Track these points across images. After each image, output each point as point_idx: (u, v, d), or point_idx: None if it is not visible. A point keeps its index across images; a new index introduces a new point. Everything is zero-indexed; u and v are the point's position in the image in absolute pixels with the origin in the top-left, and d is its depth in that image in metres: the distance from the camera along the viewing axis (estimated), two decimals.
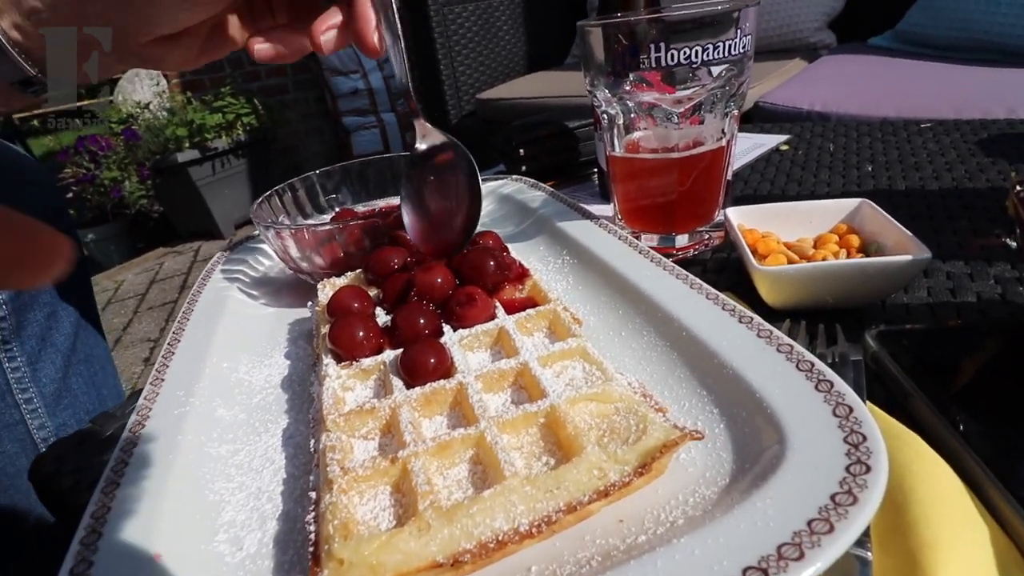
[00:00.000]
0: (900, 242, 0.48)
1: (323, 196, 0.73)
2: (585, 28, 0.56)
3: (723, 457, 0.33)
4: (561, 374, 0.38)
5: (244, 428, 0.42)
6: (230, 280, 0.63)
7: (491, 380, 0.37)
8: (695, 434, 0.31)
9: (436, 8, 1.96)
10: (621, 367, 0.41)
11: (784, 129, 1.04)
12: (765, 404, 0.34)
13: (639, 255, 0.53)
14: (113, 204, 3.07)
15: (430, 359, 0.37)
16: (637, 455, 0.30)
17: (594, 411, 0.34)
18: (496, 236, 0.52)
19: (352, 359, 0.40)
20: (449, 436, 0.32)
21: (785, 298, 0.48)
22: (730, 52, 0.51)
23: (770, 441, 0.32)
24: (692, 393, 0.38)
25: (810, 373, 0.35)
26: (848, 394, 0.33)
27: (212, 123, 3.07)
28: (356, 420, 0.35)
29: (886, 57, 1.57)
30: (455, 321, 0.42)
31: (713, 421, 0.36)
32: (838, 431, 0.31)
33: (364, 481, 0.30)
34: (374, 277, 0.50)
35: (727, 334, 0.40)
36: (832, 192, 0.75)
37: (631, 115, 0.58)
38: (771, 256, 0.51)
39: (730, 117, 0.57)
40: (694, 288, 0.46)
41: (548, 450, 0.32)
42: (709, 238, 0.62)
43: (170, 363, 0.48)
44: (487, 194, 0.78)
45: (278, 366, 0.50)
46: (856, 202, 0.55)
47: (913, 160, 0.81)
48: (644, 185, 0.60)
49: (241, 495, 0.36)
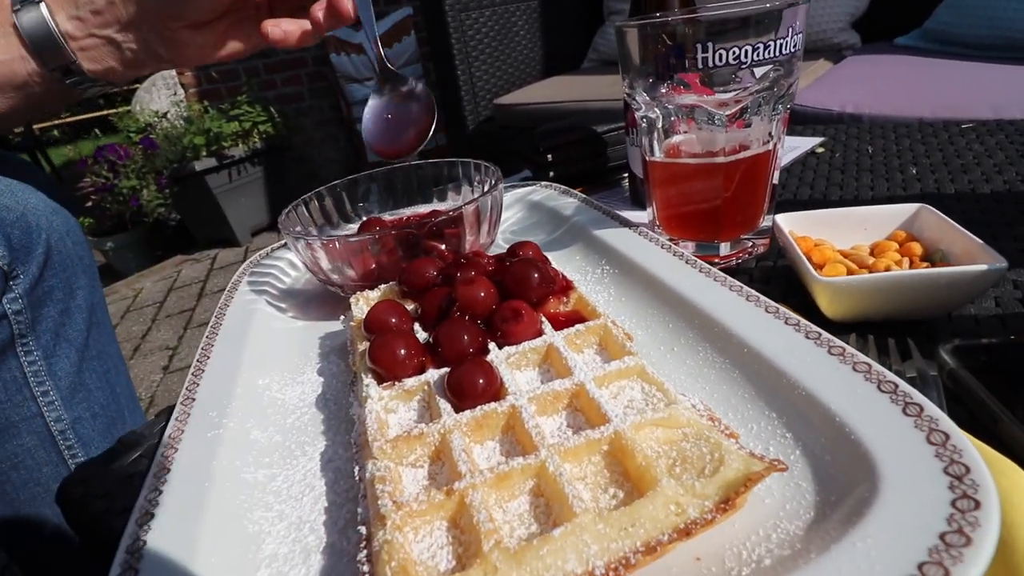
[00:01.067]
0: (968, 250, 0.45)
1: (349, 205, 0.72)
2: (624, 29, 0.54)
3: (803, 487, 0.31)
4: (618, 395, 0.36)
5: (280, 451, 0.40)
6: (257, 292, 0.61)
7: (545, 402, 0.35)
8: (779, 465, 0.29)
9: (453, 14, 1.95)
10: (678, 386, 0.39)
11: (817, 131, 1.01)
12: (848, 430, 0.31)
13: (686, 264, 0.50)
14: (132, 213, 3.08)
15: (479, 380, 0.35)
16: (717, 488, 0.27)
17: (660, 437, 0.32)
18: (536, 247, 0.50)
19: (394, 379, 0.38)
20: (508, 466, 0.29)
21: (847, 311, 0.45)
22: (780, 51, 0.49)
23: (858, 471, 0.29)
24: (760, 415, 0.36)
25: (894, 395, 0.32)
26: (942, 419, 0.30)
27: (229, 131, 3.08)
28: (404, 447, 0.33)
29: (914, 56, 1.54)
30: (500, 338, 0.40)
31: (787, 447, 0.33)
32: (936, 461, 0.28)
33: (419, 516, 0.28)
34: (409, 290, 0.48)
35: (795, 351, 0.37)
36: (877, 197, 0.72)
37: (671, 118, 0.56)
38: (828, 265, 0.48)
39: (778, 120, 0.54)
40: (751, 300, 0.43)
41: (614, 481, 0.30)
42: (753, 246, 0.60)
43: (200, 381, 0.47)
44: (515, 201, 0.76)
45: (311, 383, 0.48)
46: (914, 207, 0.52)
47: (960, 162, 0.78)
48: (686, 191, 0.57)
49: (281, 525, 0.34)
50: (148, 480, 0.36)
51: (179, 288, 2.96)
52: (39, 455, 0.65)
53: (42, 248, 0.62)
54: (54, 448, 0.65)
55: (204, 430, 0.40)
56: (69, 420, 0.66)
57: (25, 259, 0.61)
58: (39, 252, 0.62)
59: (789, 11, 0.47)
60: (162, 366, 2.26)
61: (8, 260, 0.59)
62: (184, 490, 0.35)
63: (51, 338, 0.65)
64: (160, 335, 2.52)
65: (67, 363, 0.66)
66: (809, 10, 0.50)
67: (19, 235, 0.60)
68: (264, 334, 0.54)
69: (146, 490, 0.35)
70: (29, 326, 0.62)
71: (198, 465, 0.37)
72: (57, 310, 0.65)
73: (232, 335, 0.53)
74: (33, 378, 0.63)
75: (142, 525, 0.32)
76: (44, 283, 0.63)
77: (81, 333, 0.68)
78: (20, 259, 0.60)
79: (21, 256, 0.60)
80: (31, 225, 0.61)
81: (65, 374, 0.66)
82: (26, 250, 0.61)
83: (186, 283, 3.01)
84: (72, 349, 0.67)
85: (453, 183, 0.71)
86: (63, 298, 0.66)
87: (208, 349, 0.51)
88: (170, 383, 2.12)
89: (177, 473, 0.37)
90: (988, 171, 0.74)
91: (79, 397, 0.67)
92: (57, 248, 0.65)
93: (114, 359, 0.75)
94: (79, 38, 0.53)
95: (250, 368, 0.49)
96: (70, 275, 0.67)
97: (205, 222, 3.34)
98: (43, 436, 0.65)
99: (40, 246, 0.62)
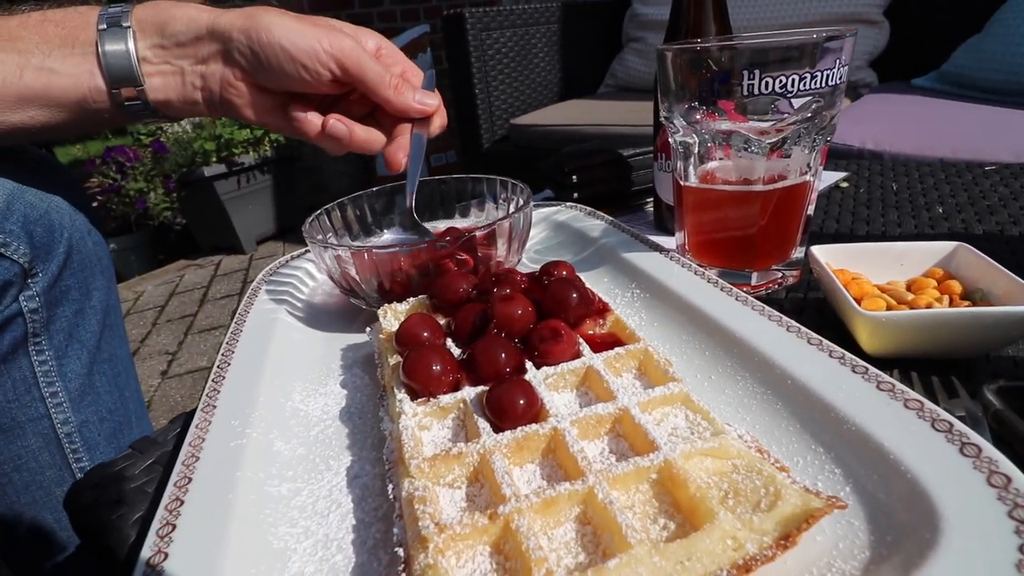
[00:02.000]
0: (1011, 291, 0.45)
1: (371, 217, 0.71)
2: (665, 52, 0.54)
3: (856, 526, 0.29)
4: (662, 422, 0.35)
5: (304, 464, 0.39)
6: (276, 302, 0.60)
7: (587, 426, 0.34)
8: (839, 502, 0.27)
9: (474, 33, 1.96)
10: (719, 416, 0.38)
11: (839, 166, 1.01)
12: (903, 468, 0.30)
13: (721, 292, 0.50)
14: (137, 215, 3.07)
15: (521, 400, 0.34)
16: (776, 524, 0.26)
17: (709, 468, 0.30)
18: (571, 267, 0.49)
19: (429, 395, 0.36)
20: (555, 491, 0.28)
21: (888, 346, 0.44)
22: (827, 82, 0.49)
23: (916, 512, 0.28)
24: (806, 449, 0.34)
25: (950, 434, 0.31)
26: (1002, 461, 0.29)
27: (240, 139, 3.09)
28: (441, 466, 0.31)
29: (931, 97, 1.55)
30: (537, 357, 0.39)
31: (837, 483, 0.32)
32: (999, 504, 0.27)
33: (462, 540, 0.27)
34: (441, 304, 0.47)
35: (841, 384, 0.36)
36: (905, 233, 0.71)
37: (708, 144, 0.56)
38: (868, 300, 0.47)
39: (817, 151, 0.54)
40: (792, 331, 0.42)
41: (664, 511, 0.29)
42: (783, 277, 0.59)
43: (221, 388, 0.45)
44: (540, 220, 0.75)
45: (334, 395, 0.47)
46: (952, 245, 0.52)
47: (986, 204, 0.77)
48: (720, 217, 0.57)
49: (307, 543, 0.33)
50: (169, 489, 0.35)
51: (181, 293, 2.95)
52: (43, 458, 0.63)
53: (63, 247, 0.61)
54: (59, 451, 0.63)
55: (226, 439, 0.39)
56: (76, 423, 0.64)
57: (46, 257, 0.60)
58: (60, 251, 0.61)
59: (837, 42, 0.47)
60: (160, 371, 2.24)
61: (29, 258, 0.58)
62: (207, 502, 0.34)
63: (64, 338, 0.63)
64: (160, 339, 2.50)
65: (78, 364, 0.65)
66: (856, 43, 0.49)
67: (42, 233, 0.59)
68: (285, 343, 0.53)
69: (167, 499, 0.34)
70: (43, 325, 0.61)
71: (221, 476, 0.36)
72: (72, 310, 0.64)
73: (252, 343, 0.52)
74: (43, 378, 0.62)
75: (164, 537, 0.31)
76: (62, 282, 0.62)
77: (94, 335, 0.67)
78: (41, 257, 0.59)
79: (42, 254, 0.59)
80: (54, 224, 0.60)
81: (75, 376, 0.64)
82: (47, 248, 0.60)
83: (188, 288, 2.99)
84: (84, 351, 0.66)
85: (477, 200, 0.71)
86: (79, 298, 0.65)
87: (228, 356, 0.50)
88: (168, 389, 2.10)
89: (199, 483, 0.35)
90: (1015, 214, 0.73)
91: (88, 400, 0.66)
92: (78, 248, 0.64)
93: (124, 363, 0.73)
94: (153, 63, 0.54)
95: (272, 377, 0.47)
96: (88, 275, 0.66)
97: (211, 228, 3.33)
98: (49, 438, 0.63)
99: (62, 245, 0.61)
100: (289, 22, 0.53)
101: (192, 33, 0.54)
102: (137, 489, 0.43)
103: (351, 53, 0.54)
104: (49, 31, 0.52)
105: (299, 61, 0.53)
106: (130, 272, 3.22)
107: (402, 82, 0.58)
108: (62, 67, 0.52)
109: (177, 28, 0.54)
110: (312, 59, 0.53)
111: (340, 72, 0.55)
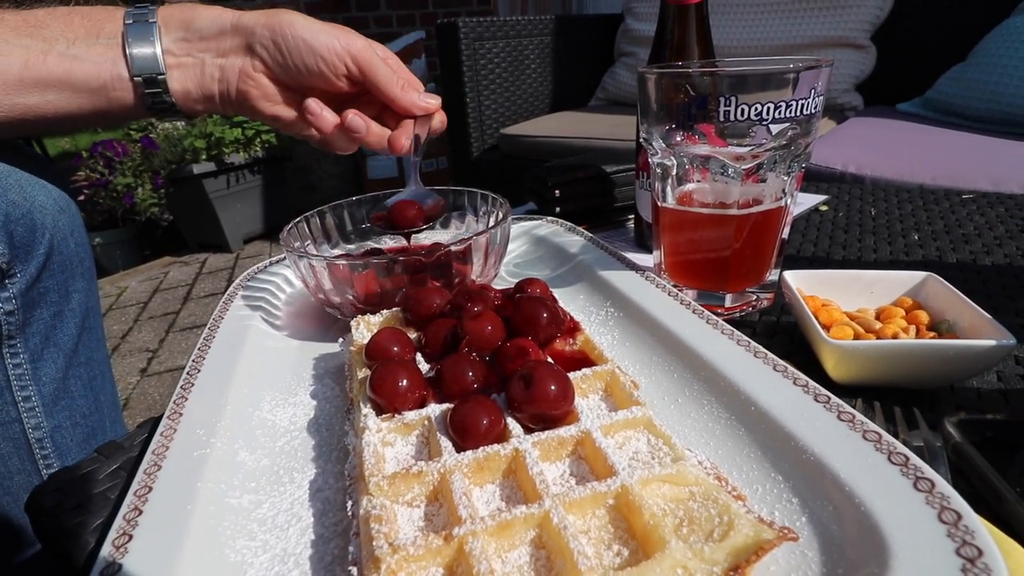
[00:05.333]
0: (976, 324, 0.45)
1: (351, 225, 0.71)
2: (646, 75, 0.54)
3: (809, 557, 0.30)
4: (623, 446, 0.35)
5: (268, 476, 0.39)
6: (252, 308, 0.60)
7: (549, 448, 0.34)
8: (790, 534, 0.28)
9: (467, 43, 1.97)
10: (683, 440, 0.38)
11: (820, 189, 1.02)
12: (857, 501, 0.30)
13: (693, 314, 0.50)
14: (124, 210, 3.05)
15: (484, 420, 0.34)
16: (727, 555, 0.26)
17: (667, 494, 0.31)
18: (544, 284, 0.49)
19: (394, 411, 0.37)
20: (511, 515, 0.28)
21: (854, 375, 0.44)
22: (802, 111, 0.49)
23: (867, 546, 0.29)
24: (765, 477, 0.35)
25: (905, 468, 0.31)
26: (953, 497, 0.29)
27: (231, 138, 3.07)
28: (401, 484, 0.31)
29: (915, 123, 1.57)
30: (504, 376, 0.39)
31: (793, 513, 0.32)
32: (948, 541, 0.27)
33: (415, 561, 0.27)
34: (413, 319, 0.47)
35: (803, 413, 0.37)
36: (880, 259, 0.72)
37: (686, 167, 0.56)
38: (835, 327, 0.48)
39: (792, 177, 0.54)
40: (759, 357, 0.43)
41: (619, 537, 0.29)
42: (757, 299, 0.60)
43: (189, 395, 0.45)
44: (520, 234, 0.76)
45: (303, 406, 0.47)
46: (922, 275, 0.52)
47: (961, 232, 0.78)
48: (695, 239, 0.57)
49: (265, 557, 0.32)
50: (128, 498, 0.35)
51: (165, 290, 2.92)
52: (12, 463, 0.62)
53: (44, 248, 0.61)
54: (29, 456, 0.62)
55: (190, 449, 0.39)
56: (48, 428, 0.63)
57: (25, 258, 0.59)
58: (40, 252, 0.61)
59: (812, 72, 0.48)
60: (140, 368, 2.21)
61: (8, 258, 0.57)
62: (165, 512, 0.34)
63: (40, 341, 0.62)
64: (141, 336, 2.47)
65: (53, 368, 0.64)
66: (832, 73, 0.50)
67: (22, 232, 0.58)
68: (257, 351, 0.53)
69: (125, 508, 0.34)
70: (19, 327, 0.60)
71: (181, 486, 0.36)
72: (50, 312, 0.63)
73: (224, 350, 0.52)
74: (16, 382, 0.61)
75: (119, 547, 0.31)
76: (41, 284, 0.62)
77: (71, 338, 0.66)
78: (20, 257, 0.58)
79: (21, 254, 0.59)
80: (36, 223, 0.59)
81: (50, 380, 0.63)
82: (27, 248, 0.59)
83: (172, 285, 2.97)
84: (60, 354, 0.65)
85: (458, 212, 0.71)
86: (58, 300, 0.64)
87: (199, 362, 0.49)
88: (146, 387, 2.08)
89: (159, 493, 0.35)
90: (989, 243, 0.75)
91: (61, 404, 0.65)
92: (59, 249, 0.63)
93: (101, 366, 0.72)
94: (176, 55, 0.57)
95: (241, 386, 0.47)
96: (68, 277, 0.65)
97: (198, 226, 3.31)
98: (19, 443, 0.62)
99: (42, 246, 0.61)
100: (310, 22, 0.58)
101: (216, 28, 0.57)
102: (100, 495, 0.43)
103: (365, 52, 0.59)
104: (75, 21, 0.55)
105: (319, 54, 0.57)
106: (114, 267, 3.19)
107: (408, 83, 0.62)
108: (86, 54, 0.54)
109: (202, 24, 0.57)
110: (331, 53, 0.57)
111: (355, 69, 0.59)
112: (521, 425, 0.35)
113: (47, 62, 0.52)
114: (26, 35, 0.52)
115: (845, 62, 1.81)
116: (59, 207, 0.63)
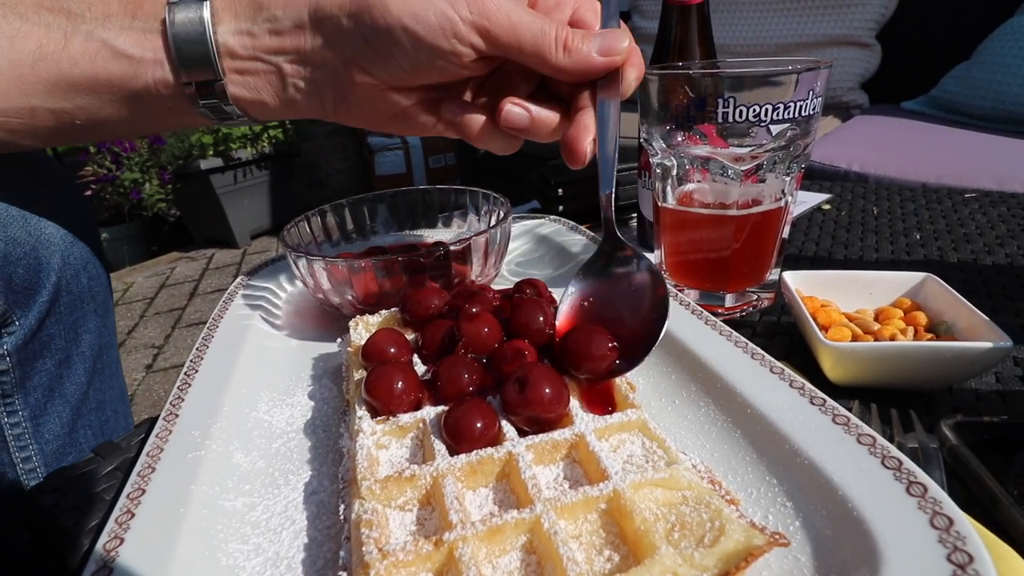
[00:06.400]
0: (973, 325, 0.45)
1: (352, 224, 0.71)
2: (646, 76, 0.54)
3: (802, 561, 0.30)
4: (618, 449, 0.35)
5: (263, 478, 0.39)
6: (252, 307, 0.60)
7: (542, 451, 0.34)
8: (780, 540, 0.28)
9: None
10: (678, 442, 0.38)
11: (824, 187, 1.01)
12: (851, 505, 0.30)
13: (692, 315, 0.50)
14: (131, 205, 3.07)
15: (478, 423, 0.34)
16: (717, 560, 0.26)
17: (659, 498, 0.31)
18: (543, 285, 0.49)
19: (389, 413, 0.37)
20: (502, 520, 0.28)
21: (852, 376, 0.44)
22: (800, 112, 0.49)
23: (859, 550, 0.28)
24: (760, 481, 0.35)
25: (898, 472, 0.31)
26: (945, 502, 0.29)
27: (238, 133, 3.09)
28: (393, 488, 0.31)
29: (920, 121, 1.56)
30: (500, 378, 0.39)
31: (787, 517, 0.32)
32: (939, 547, 0.27)
33: (405, 567, 0.27)
34: (411, 319, 0.47)
35: (798, 416, 0.36)
36: (881, 259, 0.72)
37: (686, 167, 0.56)
38: (833, 328, 0.48)
39: (792, 178, 0.54)
40: (756, 358, 0.43)
41: (610, 542, 0.29)
42: (758, 299, 0.59)
43: (186, 396, 0.45)
44: (522, 232, 0.75)
45: (300, 407, 0.47)
46: (920, 276, 0.52)
47: (963, 231, 0.78)
48: (696, 239, 0.57)
49: (257, 560, 0.33)
50: (121, 501, 0.35)
51: (171, 286, 2.94)
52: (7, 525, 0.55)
53: (49, 291, 0.54)
54: (26, 523, 0.55)
55: (185, 450, 0.39)
56: None
57: (25, 303, 0.52)
58: (44, 297, 0.53)
59: (810, 74, 0.48)
60: (145, 364, 2.23)
61: (3, 308, 0.50)
62: (158, 515, 0.34)
63: (43, 395, 0.56)
64: (147, 332, 2.48)
65: (58, 423, 0.57)
66: (831, 74, 0.50)
67: (23, 274, 0.51)
68: (256, 351, 0.53)
69: (117, 511, 0.34)
70: (17, 384, 0.54)
71: (175, 488, 0.36)
72: (55, 361, 0.57)
73: (222, 350, 0.52)
74: (14, 443, 0.54)
75: (110, 551, 0.31)
76: (43, 332, 0.55)
77: (80, 386, 0.59)
78: (19, 303, 0.52)
79: (21, 300, 0.52)
80: (41, 263, 0.52)
81: (54, 436, 0.57)
82: (29, 292, 0.52)
83: (179, 281, 2.98)
84: (67, 406, 0.58)
85: (459, 211, 0.71)
86: (64, 347, 0.57)
87: (197, 362, 0.50)
88: (152, 383, 2.09)
89: (152, 495, 0.35)
90: (990, 243, 0.74)
91: (68, 460, 0.58)
92: (68, 287, 0.56)
93: (115, 403, 0.66)
94: (240, 57, 0.43)
95: (238, 386, 0.47)
96: (77, 318, 0.58)
97: (205, 221, 3.33)
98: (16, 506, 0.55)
99: (47, 289, 0.53)
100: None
101: (292, 18, 0.42)
102: (97, 496, 0.43)
103: (497, 13, 0.40)
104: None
105: (430, 43, 0.40)
106: (121, 262, 3.21)
107: (572, 33, 0.41)
108: (118, 41, 0.41)
109: (275, 11, 0.42)
110: (448, 36, 0.40)
111: (486, 45, 0.41)
112: (516, 428, 0.35)
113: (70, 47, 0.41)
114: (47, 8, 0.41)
115: (850, 60, 1.79)
116: (70, 240, 0.56)
